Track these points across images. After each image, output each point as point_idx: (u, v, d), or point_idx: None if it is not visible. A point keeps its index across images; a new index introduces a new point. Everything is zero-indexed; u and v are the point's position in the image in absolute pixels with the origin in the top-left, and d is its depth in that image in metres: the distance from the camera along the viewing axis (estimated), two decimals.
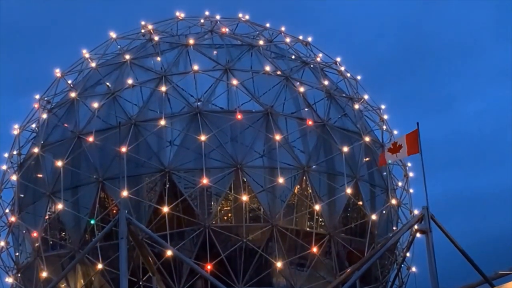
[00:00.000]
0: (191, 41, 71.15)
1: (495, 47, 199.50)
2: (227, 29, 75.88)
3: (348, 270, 63.56)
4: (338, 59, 77.58)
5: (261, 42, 73.21)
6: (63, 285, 65.96)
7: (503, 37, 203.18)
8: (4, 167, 74.84)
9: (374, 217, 67.85)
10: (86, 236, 64.69)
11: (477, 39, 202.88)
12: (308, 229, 65.27)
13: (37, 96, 75.48)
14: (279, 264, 63.09)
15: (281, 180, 63.96)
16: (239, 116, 65.19)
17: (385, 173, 71.40)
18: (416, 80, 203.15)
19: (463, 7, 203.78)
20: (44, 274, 66.58)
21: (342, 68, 76.89)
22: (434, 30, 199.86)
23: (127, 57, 71.17)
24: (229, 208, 64.97)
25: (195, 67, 68.07)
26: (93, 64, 73.52)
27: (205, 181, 62.86)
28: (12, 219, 71.26)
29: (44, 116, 72.91)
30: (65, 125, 69.13)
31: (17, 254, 71.70)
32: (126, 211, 57.85)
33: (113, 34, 76.94)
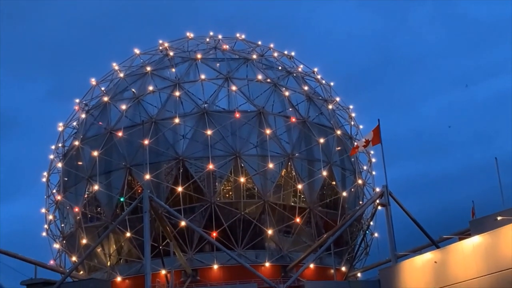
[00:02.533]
0: (199, 56, 71.35)
1: (447, 59, 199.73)
2: (227, 46, 75.88)
3: (325, 236, 63.88)
4: (316, 69, 78.06)
5: (254, 56, 73.36)
6: (99, 250, 65.78)
7: (454, 51, 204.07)
8: (52, 156, 75.05)
9: (344, 194, 68.64)
10: (117, 210, 64.65)
11: (433, 53, 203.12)
12: (292, 203, 65.30)
13: (77, 100, 75.91)
14: (270, 232, 63.45)
15: (271, 165, 64.45)
16: (237, 115, 65.55)
17: (353, 159, 71.43)
18: (382, 86, 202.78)
19: (422, 27, 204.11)
20: (84, 241, 66.81)
21: (319, 76, 77.29)
22: (397, 45, 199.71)
23: (148, 68, 71.40)
24: (230, 187, 64.86)
25: (202, 76, 68.47)
26: (121, 75, 73.68)
27: (211, 166, 63.31)
28: (58, 197, 71.56)
29: (83, 116, 72.94)
30: (100, 123, 69.12)
31: (62, 225, 71.70)
32: (149, 191, 58.22)
33: (137, 51, 77.26)
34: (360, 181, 71.87)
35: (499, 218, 46.96)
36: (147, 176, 62.00)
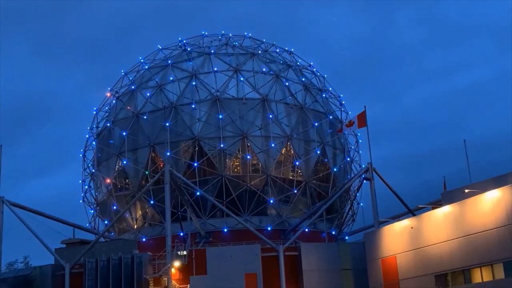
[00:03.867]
0: (212, 51, 70.98)
1: (427, 55, 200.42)
2: (235, 43, 75.41)
3: (318, 205, 64.02)
4: (311, 63, 77.70)
5: (259, 52, 72.91)
6: (127, 215, 66.15)
7: (433, 47, 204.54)
8: (87, 136, 75.22)
9: (335, 169, 68.45)
10: (142, 182, 64.69)
11: (415, 49, 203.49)
12: (291, 177, 65.31)
13: (109, 88, 75.72)
14: (271, 201, 63.51)
15: (273, 144, 64.34)
16: (244, 102, 65.17)
17: (343, 140, 71.39)
18: (370, 78, 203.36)
19: (406, 26, 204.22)
20: (114, 207, 66.98)
21: (314, 69, 76.82)
22: (384, 42, 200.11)
23: (169, 62, 71.15)
24: (238, 163, 64.78)
25: (215, 68, 68.08)
26: (146, 67, 73.40)
27: (222, 145, 63.29)
28: (93, 170, 71.57)
29: (114, 101, 72.79)
30: (128, 107, 69.07)
31: (96, 194, 71.79)
32: (169, 166, 58.25)
33: (159, 46, 76.91)
34: (348, 159, 71.87)
35: (466, 190, 46.95)
36: (168, 153, 62.03)
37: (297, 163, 65.27)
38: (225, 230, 61.32)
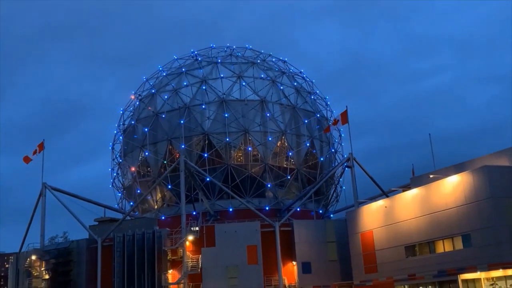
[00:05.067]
0: (219, 61, 70.87)
1: (400, 63, 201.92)
2: (238, 54, 75.23)
3: (307, 188, 64.29)
4: (302, 70, 77.40)
5: (258, 61, 72.66)
6: (149, 197, 66.25)
7: (405, 56, 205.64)
8: (115, 131, 75.33)
9: (322, 159, 68.64)
10: (161, 170, 64.77)
11: (391, 58, 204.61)
12: (285, 165, 65.42)
13: (133, 92, 75.62)
14: (269, 185, 63.81)
15: (270, 138, 64.57)
16: (246, 103, 65.31)
17: (328, 134, 71.35)
18: (352, 82, 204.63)
19: (384, 39, 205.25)
20: (138, 191, 67.21)
21: (304, 75, 76.46)
22: (365, 52, 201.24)
23: (183, 69, 71.01)
24: (241, 154, 64.85)
25: (222, 75, 68.02)
26: (164, 73, 73.34)
27: (227, 139, 63.45)
28: (120, 160, 71.67)
29: (137, 103, 72.71)
30: (149, 108, 68.92)
31: (123, 180, 71.97)
32: (184, 156, 58.52)
33: (175, 56, 76.90)
34: (333, 150, 71.84)
35: (431, 176, 47.37)
36: (183, 146, 62.32)
37: (290, 153, 65.51)
38: (230, 209, 61.64)
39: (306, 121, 67.49)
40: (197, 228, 56.04)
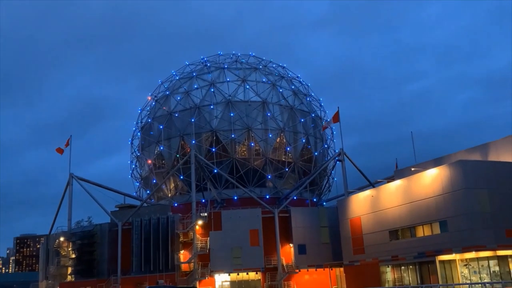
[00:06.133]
0: (226, 66, 70.43)
1: (385, 69, 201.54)
2: (243, 60, 74.85)
3: (303, 179, 64.07)
4: (299, 75, 76.87)
5: (260, 67, 72.28)
6: (163, 186, 66.14)
7: (389, 63, 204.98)
8: (134, 128, 74.87)
9: (316, 153, 68.26)
10: (174, 162, 64.53)
11: (377, 65, 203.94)
12: (283, 159, 65.10)
13: (149, 94, 75.25)
14: (269, 176, 63.46)
15: (270, 135, 64.12)
16: (249, 104, 64.92)
17: (322, 132, 71.07)
18: (343, 86, 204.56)
19: (372, 48, 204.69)
20: (153, 181, 67.05)
21: (301, 80, 76.04)
22: (354, 60, 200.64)
23: (194, 74, 70.63)
24: (245, 149, 64.50)
25: (228, 79, 67.60)
26: (177, 77, 72.91)
27: (233, 135, 63.05)
28: (138, 153, 71.36)
29: (153, 103, 72.36)
30: (164, 108, 68.56)
31: (140, 171, 71.72)
32: (194, 150, 58.31)
33: (186, 62, 76.41)
34: (326, 145, 71.60)
35: (412, 169, 47.14)
36: (193, 141, 62.07)
37: (288, 149, 65.15)
38: (235, 198, 61.45)
39: (302, 120, 67.08)
40: (205, 214, 55.97)
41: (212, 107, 64.61)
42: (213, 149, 62.65)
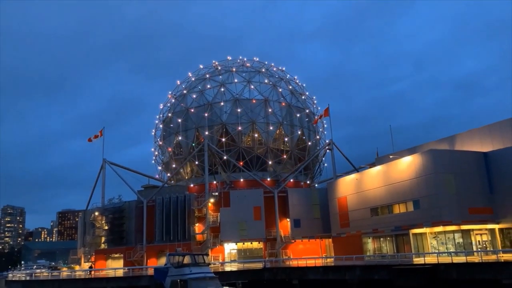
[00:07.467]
0: (234, 69, 70.04)
1: (372, 74, 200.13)
2: (248, 64, 74.51)
3: (298, 165, 64.19)
4: (296, 77, 76.42)
5: (263, 70, 71.87)
6: (181, 170, 66.38)
7: (375, 68, 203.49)
8: (156, 121, 74.93)
9: (309, 143, 68.15)
10: (191, 150, 64.54)
11: (364, 69, 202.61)
12: (282, 148, 64.99)
13: (170, 92, 75.04)
14: (270, 162, 63.43)
15: (271, 128, 63.93)
16: (254, 101, 64.71)
17: (315, 125, 70.96)
18: (335, 86, 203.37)
19: (361, 56, 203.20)
20: (173, 165, 67.25)
21: (298, 81, 75.69)
22: (344, 65, 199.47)
23: (207, 76, 70.27)
24: (249, 139, 64.35)
25: (235, 80, 67.32)
26: (193, 79, 72.60)
27: (239, 128, 62.93)
28: (160, 143, 71.33)
29: (173, 100, 72.19)
30: (182, 104, 68.49)
31: (162, 157, 71.76)
32: (207, 140, 58.36)
33: (201, 66, 75.97)
34: (317, 137, 71.26)
35: (391, 156, 47.16)
36: (206, 133, 62.10)
37: (286, 139, 65.19)
38: (241, 180, 61.67)
39: (298, 115, 67.01)
40: (216, 193, 56.41)
41: (222, 104, 64.55)
42: (223, 139, 62.70)
